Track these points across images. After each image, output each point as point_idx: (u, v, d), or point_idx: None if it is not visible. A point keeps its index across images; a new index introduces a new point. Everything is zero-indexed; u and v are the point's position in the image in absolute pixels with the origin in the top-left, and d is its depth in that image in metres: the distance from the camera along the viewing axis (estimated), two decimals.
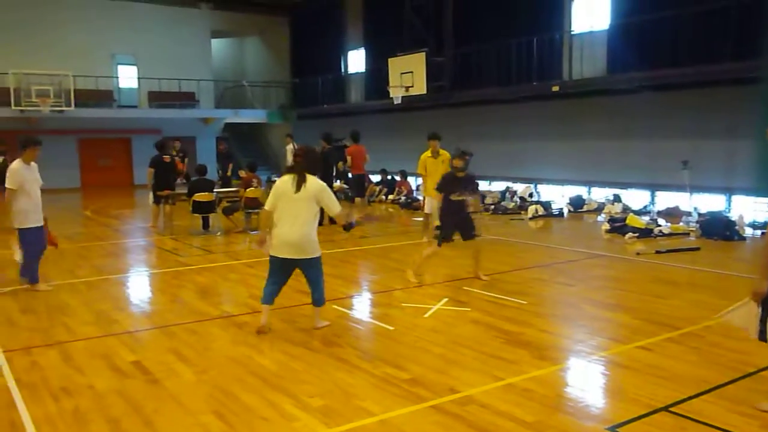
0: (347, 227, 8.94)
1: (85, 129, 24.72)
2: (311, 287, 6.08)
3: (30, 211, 7.57)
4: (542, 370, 5.03)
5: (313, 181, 5.82)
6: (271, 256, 5.96)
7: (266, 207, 5.94)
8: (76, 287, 8.09)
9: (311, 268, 6.00)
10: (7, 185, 7.45)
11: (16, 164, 7.53)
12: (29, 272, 7.81)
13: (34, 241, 7.70)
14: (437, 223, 8.68)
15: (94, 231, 14.05)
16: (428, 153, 10.96)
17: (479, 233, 8.44)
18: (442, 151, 10.89)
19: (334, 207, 5.95)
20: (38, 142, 7.68)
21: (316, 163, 6.04)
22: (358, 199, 15.36)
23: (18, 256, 7.72)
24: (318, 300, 6.11)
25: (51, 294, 7.74)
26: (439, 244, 8.16)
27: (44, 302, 7.38)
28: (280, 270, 5.99)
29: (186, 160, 16.59)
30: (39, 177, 7.80)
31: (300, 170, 5.84)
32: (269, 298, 6.02)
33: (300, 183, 5.77)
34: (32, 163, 7.69)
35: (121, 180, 26.02)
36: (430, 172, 10.92)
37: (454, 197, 8.11)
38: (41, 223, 7.79)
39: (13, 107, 21.64)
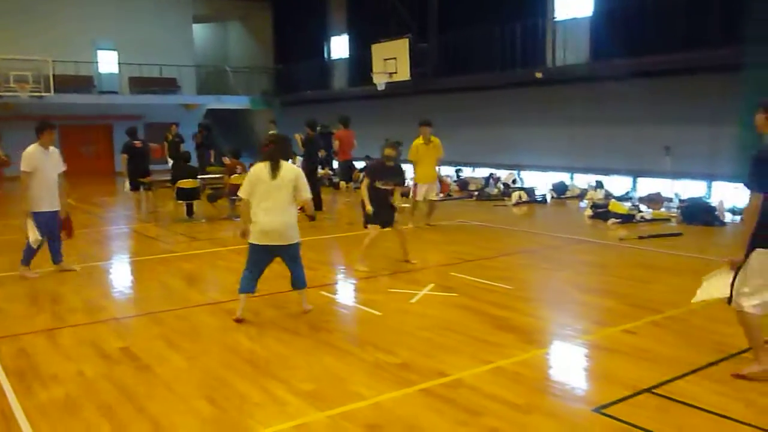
0: (312, 218, 9.03)
1: (66, 115, 24.39)
2: (293, 272, 6.11)
3: (43, 196, 7.58)
4: (529, 353, 5.11)
5: (288, 167, 5.89)
6: (251, 244, 5.92)
7: (242, 195, 5.89)
8: (63, 274, 8.04)
9: (293, 254, 6.03)
10: (21, 168, 7.48)
11: (31, 148, 7.56)
12: (25, 254, 7.79)
13: (44, 226, 7.66)
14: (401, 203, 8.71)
15: (78, 218, 13.82)
16: (420, 140, 10.96)
17: (398, 223, 8.56)
18: (433, 138, 10.91)
19: (306, 193, 5.96)
20: (52, 126, 7.73)
21: (288, 149, 6.23)
22: (343, 184, 15.39)
23: (32, 237, 7.63)
24: (303, 282, 6.16)
25: (38, 281, 7.71)
26: (366, 226, 8.33)
27: (31, 289, 7.35)
28: (261, 258, 5.98)
29: (182, 144, 16.53)
30: (60, 161, 7.84)
31: (274, 157, 5.86)
32: (249, 286, 5.99)
33: (275, 169, 5.79)
34: (51, 148, 7.72)
35: (103, 167, 25.74)
36: (421, 158, 10.95)
37: (378, 185, 8.20)
38: (55, 208, 7.79)
39: None
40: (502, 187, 16.77)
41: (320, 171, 15.32)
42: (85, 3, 24.64)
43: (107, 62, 25.81)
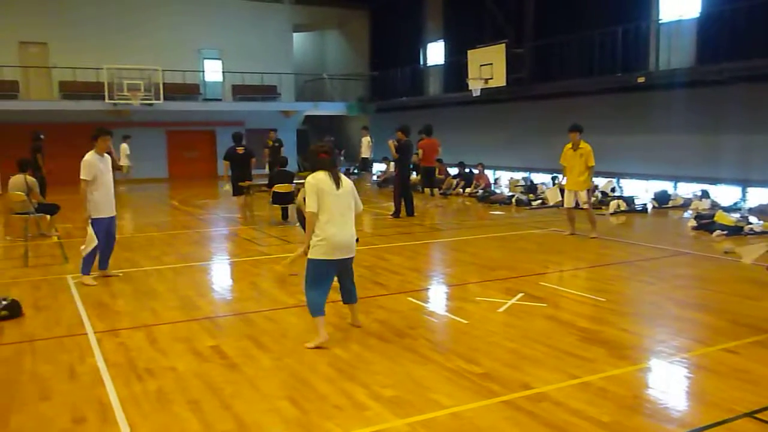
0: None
1: (173, 122, 25.66)
2: (350, 286, 5.84)
3: (102, 202, 7.78)
4: (620, 369, 4.89)
5: (344, 177, 5.64)
6: (317, 260, 5.45)
7: (310, 209, 5.38)
8: (163, 273, 8.44)
9: (350, 266, 5.77)
10: (81, 176, 7.63)
11: (89, 156, 7.71)
12: (85, 261, 7.87)
13: (103, 231, 7.81)
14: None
15: (180, 220, 14.60)
16: (569, 145, 10.79)
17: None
18: (583, 144, 10.64)
19: (361, 204, 5.75)
20: (108, 132, 7.88)
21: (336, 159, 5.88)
22: (428, 190, 15.60)
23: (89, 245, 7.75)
24: (356, 296, 5.95)
25: (137, 280, 8.10)
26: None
27: (133, 287, 7.73)
28: (330, 274, 5.60)
29: (282, 149, 17.08)
30: (110, 167, 7.98)
31: (333, 166, 5.60)
32: (322, 307, 5.52)
33: (338, 179, 5.51)
34: (105, 155, 7.87)
35: (205, 171, 26.86)
36: (568, 165, 10.77)
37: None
38: (113, 214, 8.01)
39: (106, 100, 22.72)
40: (599, 195, 16.23)
41: (413, 177, 15.36)
42: (192, 15, 25.84)
43: (212, 71, 26.94)
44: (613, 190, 16.72)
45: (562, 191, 12.79)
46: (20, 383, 4.74)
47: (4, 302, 6.41)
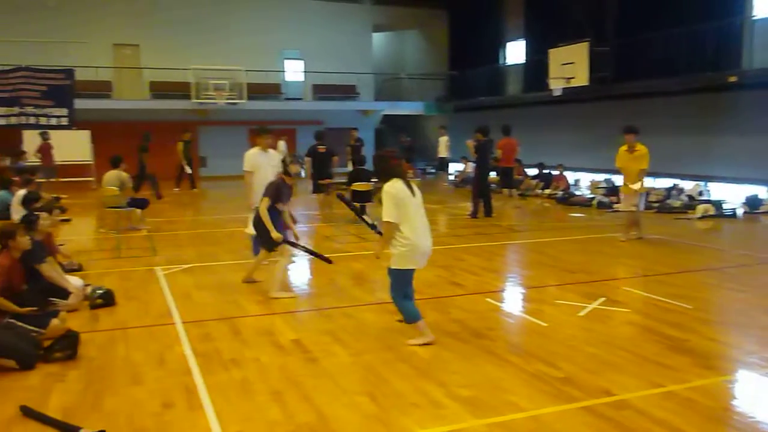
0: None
1: (254, 120, 26.28)
2: (412, 293, 5.67)
3: (260, 192, 8.15)
4: (707, 379, 4.72)
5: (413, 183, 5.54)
6: (403, 270, 5.41)
7: (391, 219, 5.24)
8: (245, 267, 8.66)
9: None
10: (243, 168, 8.53)
11: (251, 150, 8.62)
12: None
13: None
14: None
15: None
16: (624, 147, 10.52)
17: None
18: (639, 146, 10.34)
19: None
20: (266, 131, 8.76)
21: None
22: (505, 191, 15.46)
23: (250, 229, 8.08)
24: None
25: (224, 273, 8.37)
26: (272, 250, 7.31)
27: (217, 280, 8.01)
28: (411, 281, 5.55)
29: (363, 148, 17.29)
30: (276, 163, 8.45)
31: (405, 172, 5.48)
32: (418, 311, 5.52)
33: (410, 185, 5.42)
34: (270, 150, 8.70)
35: None
36: (624, 167, 10.51)
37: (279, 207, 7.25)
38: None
39: (192, 100, 23.56)
40: (685, 199, 15.65)
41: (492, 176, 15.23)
42: (274, 16, 26.41)
43: (294, 71, 27.47)
44: (700, 193, 16.07)
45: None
46: (114, 368, 5.01)
47: (99, 291, 6.78)
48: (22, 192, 9.70)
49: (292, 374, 4.82)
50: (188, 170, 19.27)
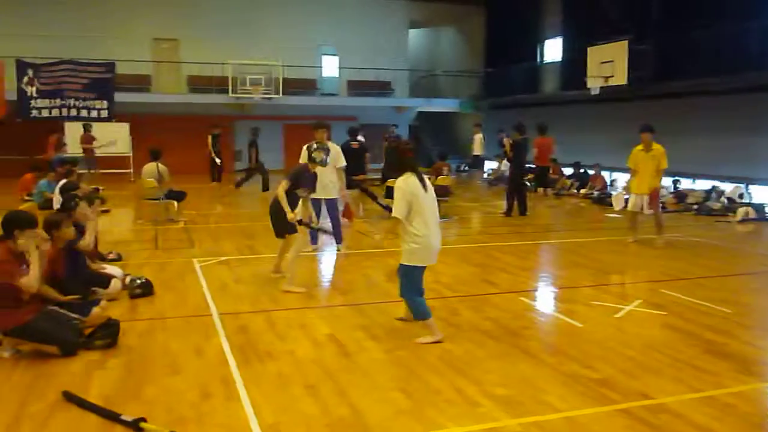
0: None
1: (289, 115, 26.47)
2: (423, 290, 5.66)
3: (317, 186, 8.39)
4: (747, 385, 4.64)
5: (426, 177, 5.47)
6: (414, 267, 5.41)
7: (400, 216, 5.24)
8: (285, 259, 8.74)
9: None
10: (300, 161, 8.50)
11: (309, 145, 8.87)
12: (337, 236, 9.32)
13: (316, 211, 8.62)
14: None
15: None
16: (640, 146, 10.30)
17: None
18: (655, 146, 10.14)
19: None
20: (322, 126, 9.14)
21: None
22: (540, 190, 15.31)
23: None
24: None
25: (258, 265, 8.45)
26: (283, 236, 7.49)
27: (253, 273, 8.09)
28: (422, 278, 5.54)
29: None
30: (336, 156, 9.04)
31: (416, 166, 5.41)
32: (429, 309, 5.52)
33: (423, 180, 5.35)
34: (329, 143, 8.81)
35: None
36: (639, 167, 10.28)
37: (300, 192, 7.24)
38: (320, 196, 8.81)
39: (230, 94, 23.80)
40: (725, 201, 15.33)
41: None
42: (311, 12, 26.51)
43: (329, 66, 27.56)
44: (741, 196, 15.72)
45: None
46: (153, 357, 5.10)
47: (138, 281, 6.90)
48: (62, 182, 9.93)
49: (327, 368, 4.85)
50: (218, 161, 19.38)
